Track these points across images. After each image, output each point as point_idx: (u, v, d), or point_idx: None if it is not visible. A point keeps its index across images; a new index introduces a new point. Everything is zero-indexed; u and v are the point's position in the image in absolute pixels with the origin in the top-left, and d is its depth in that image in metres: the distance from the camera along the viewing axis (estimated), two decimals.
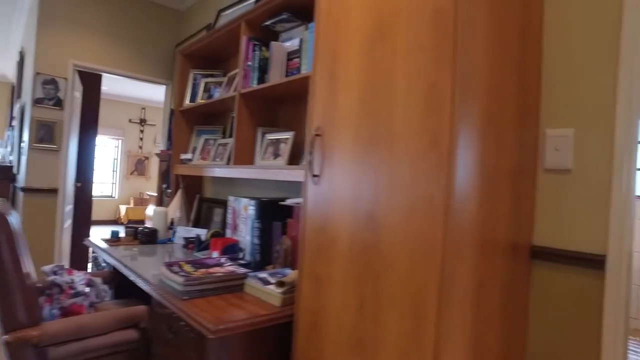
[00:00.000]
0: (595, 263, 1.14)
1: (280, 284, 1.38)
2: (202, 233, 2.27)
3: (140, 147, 9.22)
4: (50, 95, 3.05)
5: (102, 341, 1.42)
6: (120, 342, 1.47)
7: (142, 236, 2.36)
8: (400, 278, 0.98)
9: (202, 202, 2.95)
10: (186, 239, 2.26)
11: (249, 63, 2.10)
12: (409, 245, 0.97)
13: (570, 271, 1.18)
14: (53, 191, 3.15)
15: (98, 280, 1.70)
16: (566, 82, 1.20)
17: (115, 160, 9.05)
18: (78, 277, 1.63)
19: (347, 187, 1.15)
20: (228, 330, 1.17)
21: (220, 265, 1.61)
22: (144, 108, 9.19)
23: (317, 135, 1.26)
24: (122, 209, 8.67)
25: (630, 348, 3.21)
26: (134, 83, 6.51)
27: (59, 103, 3.12)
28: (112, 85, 7.52)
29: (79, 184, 3.92)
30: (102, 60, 3.35)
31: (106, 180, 8.98)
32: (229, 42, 2.51)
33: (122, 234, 2.45)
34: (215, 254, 1.97)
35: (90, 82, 4.14)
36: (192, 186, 2.95)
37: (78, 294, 1.50)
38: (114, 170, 9.06)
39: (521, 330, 1.21)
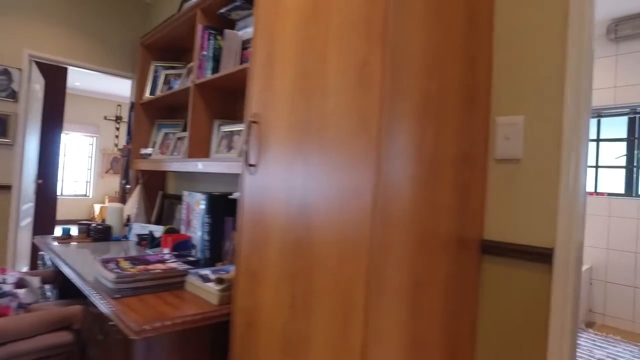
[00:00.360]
0: (543, 257, 1.10)
1: (219, 281, 1.30)
2: (157, 230, 2.18)
3: (116, 145, 9.00)
4: (2, 86, 2.90)
5: (29, 345, 1.33)
6: (51, 346, 1.37)
7: (94, 233, 2.26)
8: (330, 275, 0.91)
9: (165, 198, 2.85)
10: (139, 235, 2.17)
11: (204, 52, 2.01)
12: (337, 239, 0.90)
13: (521, 266, 1.13)
14: (6, 187, 3.00)
15: (34, 280, 1.59)
16: (517, 68, 1.16)
17: (90, 158, 8.81)
18: (11, 277, 1.53)
19: (281, 176, 1.08)
20: (154, 331, 1.09)
21: (162, 261, 1.52)
22: (119, 105, 8.97)
23: (253, 122, 1.19)
24: (97, 208, 8.45)
25: (597, 343, 3.22)
26: (109, 79, 6.33)
27: (12, 95, 2.97)
28: (86, 80, 7.32)
29: (40, 181, 3.77)
30: (64, 51, 3.21)
31: (80, 179, 8.74)
32: (188, 32, 2.41)
33: (74, 232, 2.35)
34: (166, 251, 1.88)
35: (54, 75, 3.99)
36: (154, 182, 2.85)
37: (4, 295, 1.40)
38: (88, 169, 8.82)
39: (469, 329, 1.16)
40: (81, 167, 8.73)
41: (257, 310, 1.12)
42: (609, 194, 3.84)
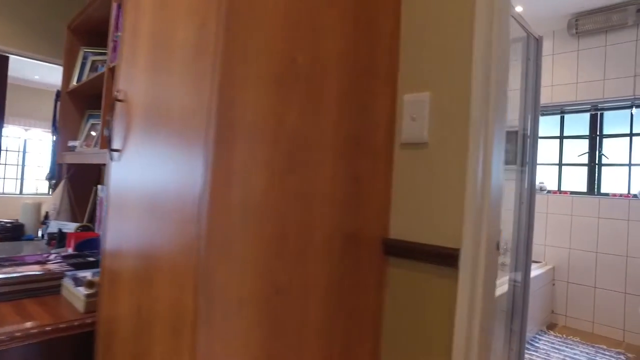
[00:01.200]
0: (450, 259, 0.95)
1: (89, 284, 1.13)
2: (71, 227, 1.99)
3: None
4: None
5: None
6: None
7: (1, 232, 2.05)
8: (165, 281, 0.75)
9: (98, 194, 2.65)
10: (50, 234, 1.97)
11: (118, 33, 1.83)
12: (172, 238, 0.74)
13: (428, 270, 0.98)
14: None
15: None
16: (423, 36, 1.01)
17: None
18: None
19: (138, 164, 0.91)
20: None
21: (43, 262, 1.34)
22: None
23: (119, 100, 1.02)
24: None
25: (555, 346, 3.13)
26: None
27: None
28: (46, 73, 6.99)
29: None
30: None
31: (42, 177, 8.38)
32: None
33: None
34: (69, 250, 1.70)
35: None
36: (88, 177, 2.64)
37: None
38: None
39: (370, 346, 1.00)
40: (44, 165, 8.37)
41: (115, 319, 0.95)
42: (572, 193, 3.77)
